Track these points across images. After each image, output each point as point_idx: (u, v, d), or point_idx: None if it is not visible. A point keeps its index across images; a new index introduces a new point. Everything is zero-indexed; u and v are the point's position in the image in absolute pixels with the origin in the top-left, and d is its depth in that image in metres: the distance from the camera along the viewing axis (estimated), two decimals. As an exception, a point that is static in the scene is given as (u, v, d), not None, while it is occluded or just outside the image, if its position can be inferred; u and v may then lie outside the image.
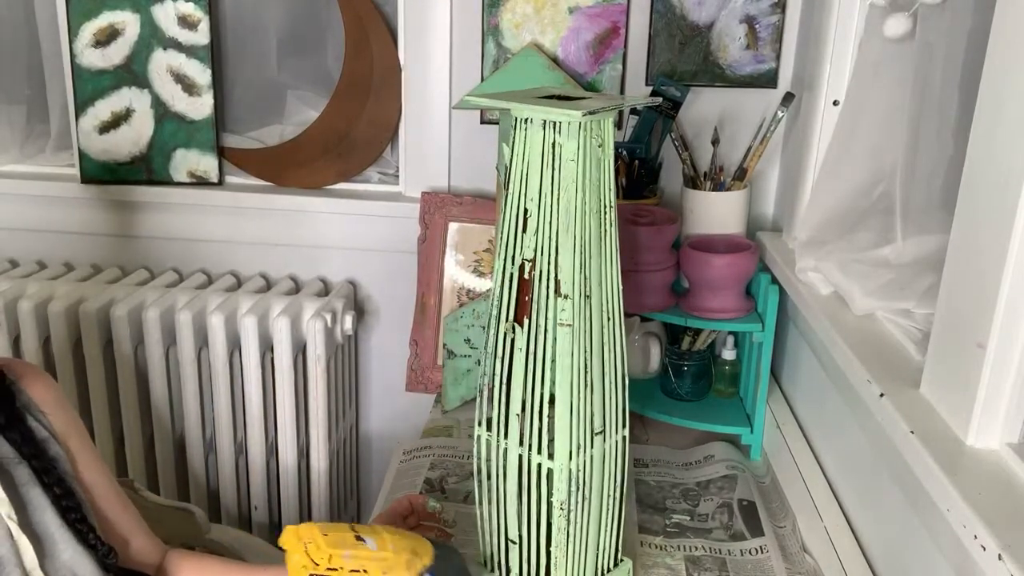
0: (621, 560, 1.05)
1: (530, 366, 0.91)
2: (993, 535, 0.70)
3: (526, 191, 0.88)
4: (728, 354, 1.48)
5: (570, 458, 0.92)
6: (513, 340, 0.92)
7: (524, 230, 0.89)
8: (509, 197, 0.89)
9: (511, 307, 0.92)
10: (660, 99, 1.40)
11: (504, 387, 0.94)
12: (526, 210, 0.88)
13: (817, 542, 1.15)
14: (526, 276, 0.90)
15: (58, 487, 0.86)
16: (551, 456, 0.92)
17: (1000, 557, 0.68)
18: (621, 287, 0.93)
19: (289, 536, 0.83)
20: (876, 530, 1.09)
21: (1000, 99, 0.78)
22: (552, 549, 0.95)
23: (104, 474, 0.96)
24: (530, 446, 0.93)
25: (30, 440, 0.86)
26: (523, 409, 0.92)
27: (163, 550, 1.02)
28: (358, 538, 0.84)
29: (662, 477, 1.34)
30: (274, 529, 1.76)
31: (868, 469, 1.11)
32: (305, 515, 1.74)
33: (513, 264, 0.91)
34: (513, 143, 0.88)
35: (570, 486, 0.93)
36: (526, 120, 0.86)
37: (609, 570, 1.03)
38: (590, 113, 0.83)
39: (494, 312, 0.93)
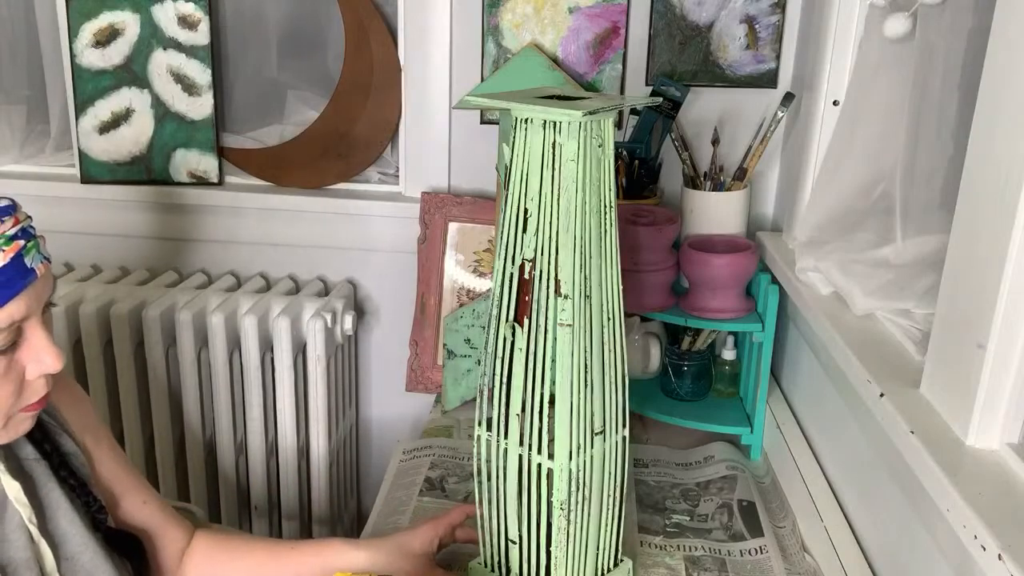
0: (621, 560, 1.05)
1: (530, 366, 0.91)
2: (993, 535, 0.70)
3: (526, 191, 0.88)
4: (728, 354, 1.48)
5: (570, 458, 0.92)
6: (513, 340, 0.92)
7: (524, 230, 0.89)
8: (509, 197, 0.89)
9: (511, 307, 0.92)
10: (660, 99, 1.40)
11: (504, 387, 0.94)
12: (526, 210, 0.88)
13: (817, 542, 1.15)
14: (526, 276, 0.90)
15: (74, 480, 0.86)
16: (551, 456, 0.92)
17: (1000, 557, 0.68)
18: (621, 287, 0.93)
19: None
20: (876, 530, 1.09)
21: (1000, 99, 0.78)
22: (552, 549, 0.95)
23: (125, 470, 0.96)
24: (530, 446, 0.93)
25: (47, 435, 0.87)
26: (523, 409, 0.92)
27: (191, 533, 1.03)
28: None
29: (662, 477, 1.34)
30: (274, 529, 1.76)
31: (868, 469, 1.11)
32: (305, 515, 1.74)
33: (513, 264, 0.91)
34: (513, 143, 0.88)
35: (570, 486, 0.93)
36: (526, 120, 0.86)
37: (609, 570, 1.03)
38: (590, 113, 0.83)
39: (494, 312, 0.93)
